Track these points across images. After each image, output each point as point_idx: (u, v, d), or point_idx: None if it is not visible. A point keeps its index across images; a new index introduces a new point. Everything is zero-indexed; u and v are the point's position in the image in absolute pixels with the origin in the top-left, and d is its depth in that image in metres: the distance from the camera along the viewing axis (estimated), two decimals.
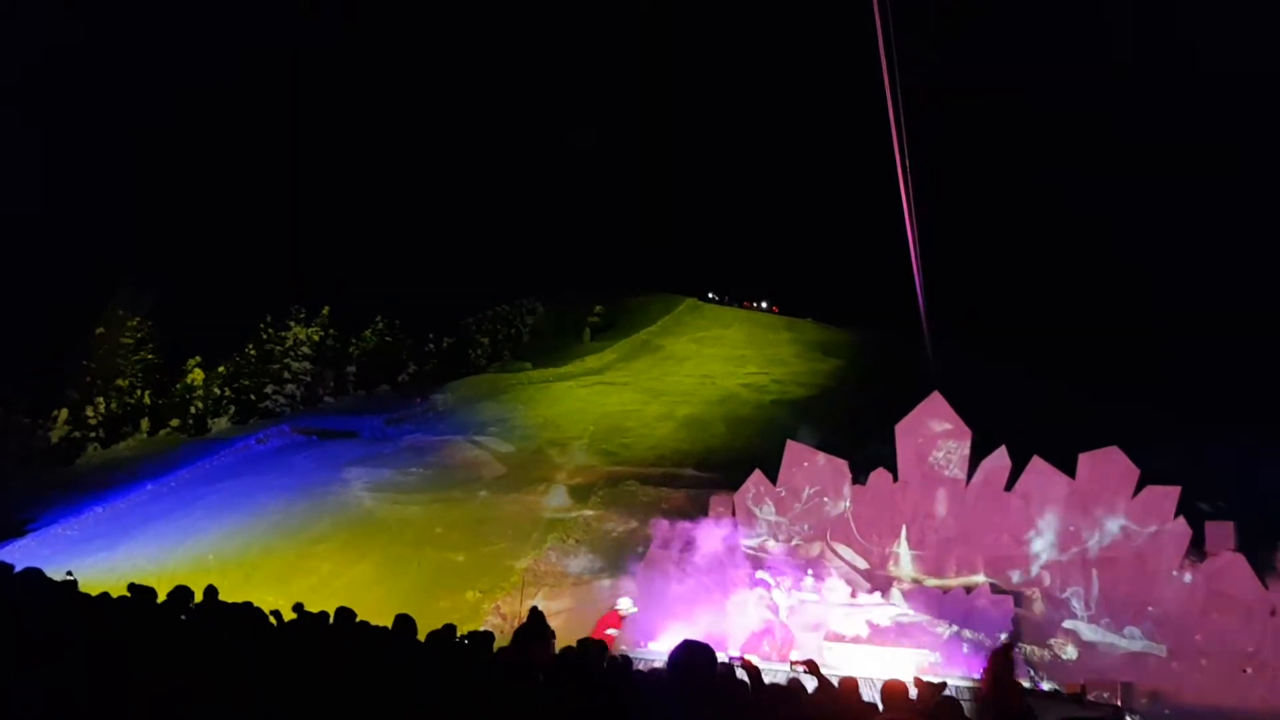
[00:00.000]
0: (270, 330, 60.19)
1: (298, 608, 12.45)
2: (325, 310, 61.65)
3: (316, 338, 60.48)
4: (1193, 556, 23.32)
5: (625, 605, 23.32)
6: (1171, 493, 23.88)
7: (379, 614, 11.90)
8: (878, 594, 24.81)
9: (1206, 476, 27.11)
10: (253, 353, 59.28)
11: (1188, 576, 23.05)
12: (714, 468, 35.94)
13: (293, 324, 60.45)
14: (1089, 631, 23.65)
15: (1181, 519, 23.54)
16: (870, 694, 11.60)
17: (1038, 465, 25.50)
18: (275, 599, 18.39)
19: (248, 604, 8.98)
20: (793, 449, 28.81)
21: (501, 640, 15.47)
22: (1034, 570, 24.85)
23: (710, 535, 26.88)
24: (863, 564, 26.54)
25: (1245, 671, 21.75)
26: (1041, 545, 24.89)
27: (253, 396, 57.53)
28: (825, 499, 27.78)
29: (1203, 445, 31.24)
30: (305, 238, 68.33)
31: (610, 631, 21.24)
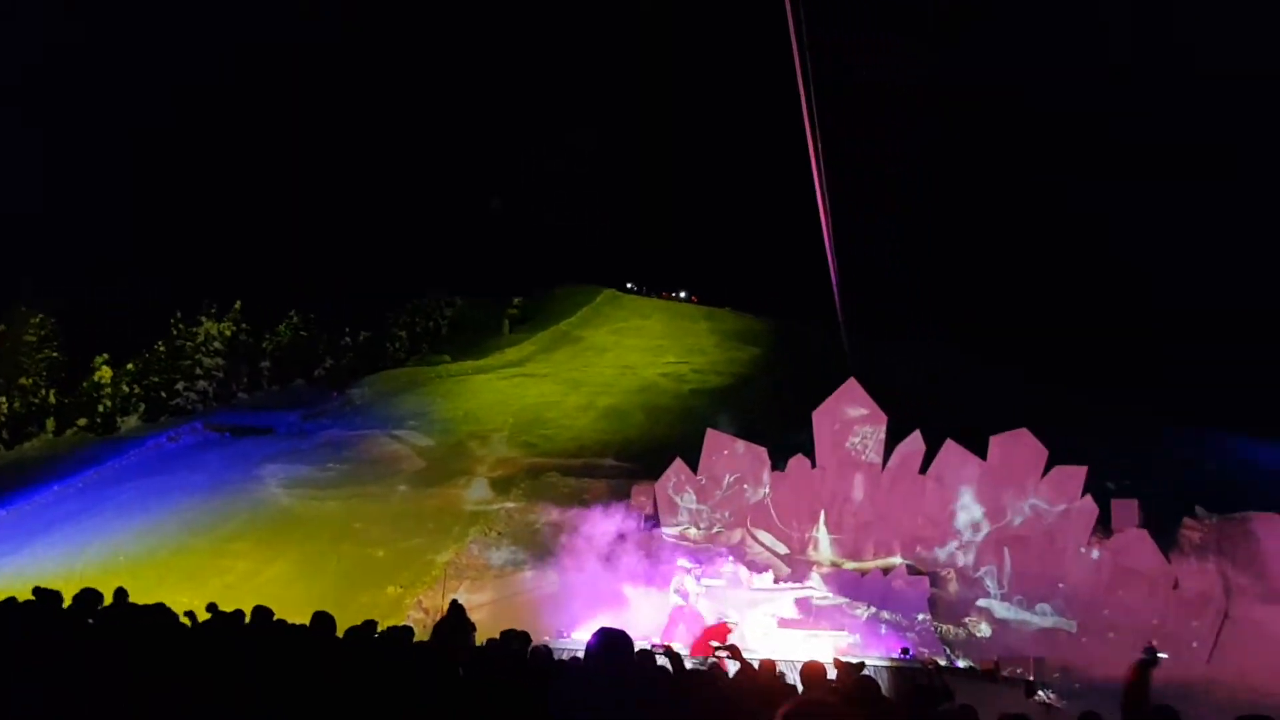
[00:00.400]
0: (180, 326, 58.76)
1: (212, 607, 12.21)
2: (237, 305, 60.36)
3: (228, 333, 59.17)
4: (1099, 534, 24.07)
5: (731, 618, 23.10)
6: (1078, 472, 24.62)
7: (298, 612, 11.72)
8: (798, 575, 25.14)
9: (1111, 456, 27.92)
10: (162, 349, 57.82)
11: (1095, 553, 23.80)
12: (635, 457, 36.04)
13: (204, 319, 59.07)
14: (1002, 609, 24.30)
15: (1089, 497, 24.28)
16: (791, 675, 11.78)
17: (950, 448, 26.09)
18: (190, 599, 17.98)
19: (160, 605, 8.80)
20: (712, 437, 29.06)
21: (423, 636, 15.36)
22: (948, 551, 25.44)
23: (629, 526, 27.01)
24: (783, 549, 26.89)
25: (1151, 644, 22.49)
26: (956, 526, 25.48)
27: (163, 394, 56.09)
28: (745, 486, 28.07)
29: (1107, 426, 32.19)
30: (215, 231, 66.82)
31: (714, 644, 21.03)
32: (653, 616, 23.75)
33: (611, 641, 4.63)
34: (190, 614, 10.86)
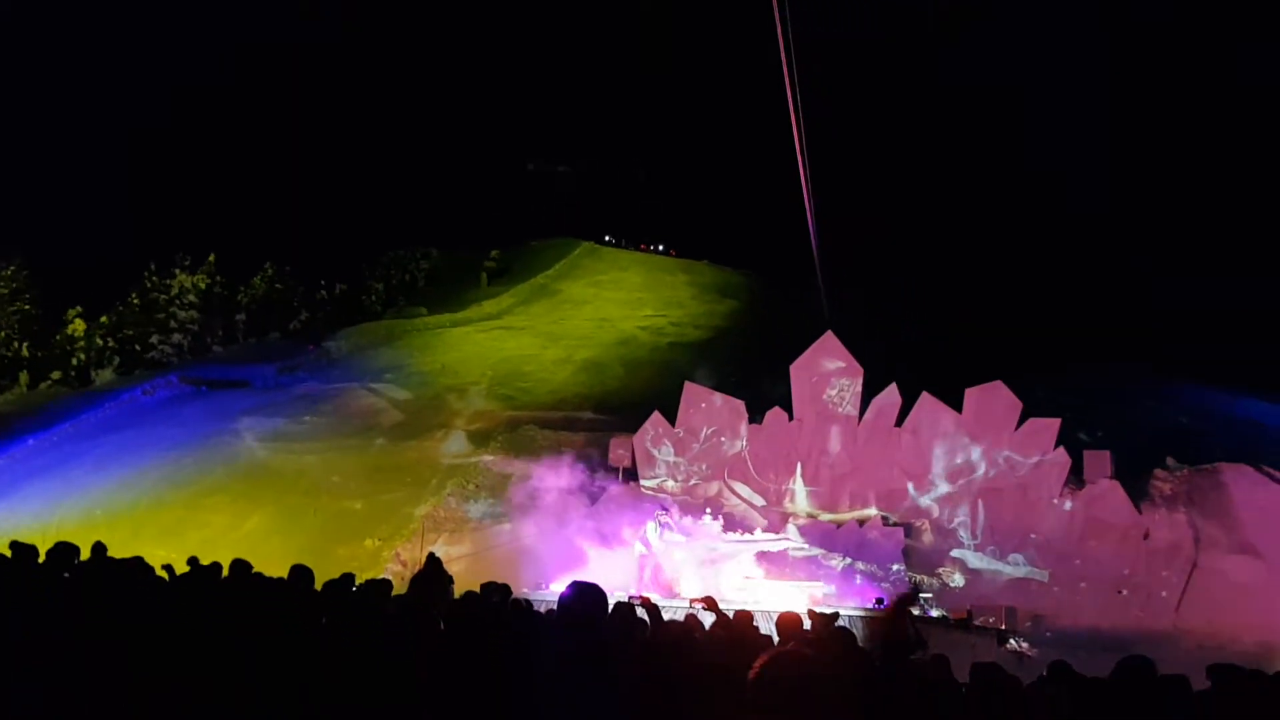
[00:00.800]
0: (154, 278, 58.15)
1: (192, 561, 12.19)
2: (211, 257, 59.76)
3: (203, 285, 58.65)
4: (1072, 485, 24.33)
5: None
6: (1052, 424, 24.83)
7: (276, 565, 11.73)
8: (775, 526, 25.31)
9: (1085, 408, 28.16)
10: (136, 302, 57.26)
11: (1067, 504, 24.07)
12: (613, 410, 36.09)
13: (178, 272, 58.48)
14: (975, 559, 24.59)
15: (1062, 449, 24.52)
16: (766, 626, 11.90)
17: (926, 401, 26.26)
18: (167, 553, 17.96)
19: (137, 559, 8.78)
20: (690, 390, 29.14)
21: (401, 588, 15.41)
22: (923, 502, 25.68)
23: (610, 479, 27.12)
24: (759, 501, 27.08)
25: (1121, 593, 22.87)
26: (930, 478, 25.71)
27: (137, 347, 55.66)
28: (722, 439, 28.20)
29: (1080, 378, 32.41)
30: (190, 183, 65.97)
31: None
32: (630, 568, 23.91)
33: (583, 594, 4.65)
34: (168, 567, 10.83)
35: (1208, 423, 30.14)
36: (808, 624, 9.13)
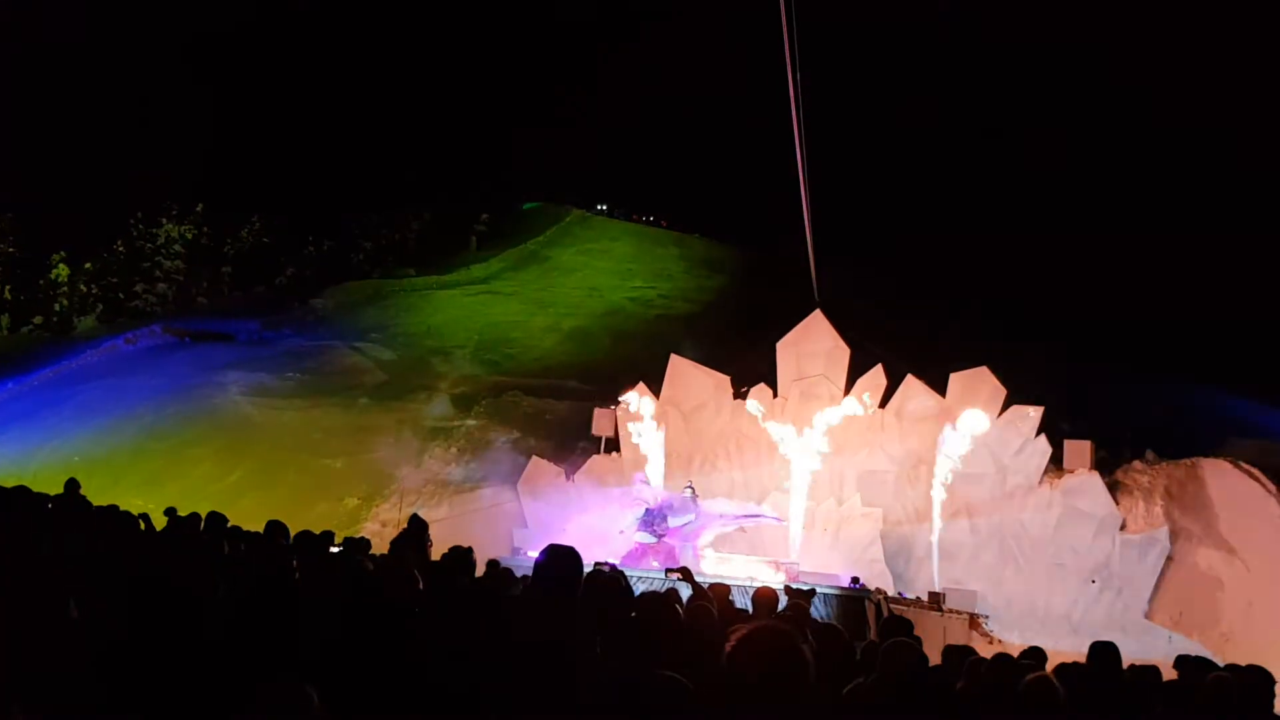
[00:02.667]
0: (140, 227, 57.66)
1: (170, 512, 12.18)
2: (199, 207, 59.25)
3: (190, 236, 58.19)
4: (1051, 473, 24.48)
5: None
6: (1034, 412, 24.94)
7: (254, 519, 11.72)
8: (753, 504, 25.35)
9: (1068, 398, 28.29)
10: (121, 250, 56.80)
11: (1046, 491, 24.21)
12: (598, 380, 36.05)
13: (164, 221, 57.98)
14: (950, 542, 24.74)
15: (1043, 437, 24.63)
16: (742, 601, 11.95)
17: (911, 384, 26.32)
18: (145, 503, 17.96)
19: (113, 506, 8.75)
20: (676, 363, 29.12)
21: (381, 548, 15.41)
22: (903, 484, 25.81)
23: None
24: (740, 476, 27.15)
25: (1093, 582, 23.08)
26: (912, 460, 25.81)
27: (121, 295, 55.28)
28: (707, 413, 28.24)
29: (1065, 367, 32.56)
30: (179, 130, 65.29)
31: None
32: (612, 535, 23.92)
33: (559, 557, 4.65)
34: (144, 516, 10.81)
35: (1187, 417, 30.36)
36: (784, 599, 9.18)
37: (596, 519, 24.74)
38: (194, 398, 36.17)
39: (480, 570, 8.99)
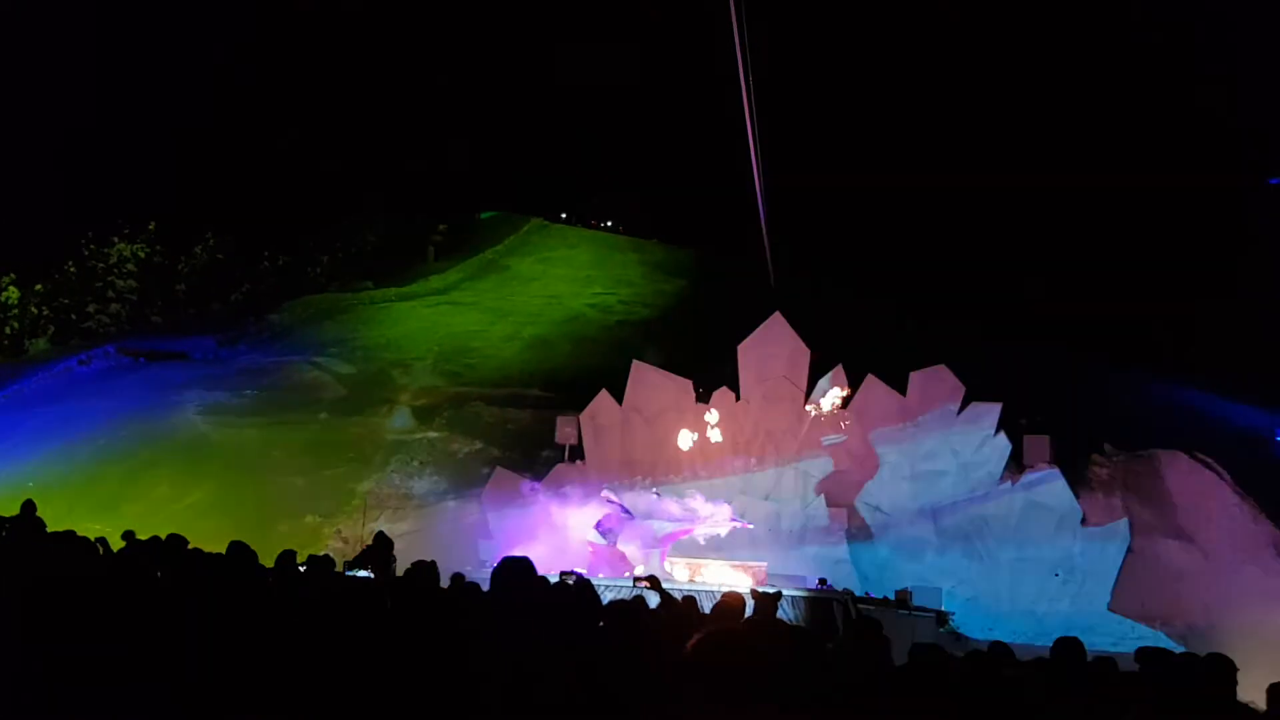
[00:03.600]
0: (92, 246, 56.86)
1: (128, 535, 11.99)
2: (151, 225, 58.51)
3: (143, 254, 57.45)
4: (1012, 468, 24.71)
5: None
6: (993, 409, 25.18)
7: (216, 540, 11.55)
8: (720, 507, 25.35)
9: (1026, 393, 28.56)
10: (73, 269, 55.98)
11: (1008, 487, 24.45)
12: (560, 388, 35.97)
13: (116, 240, 57.21)
14: (915, 541, 24.91)
15: (1003, 434, 24.87)
16: (710, 606, 11.94)
17: (871, 383, 26.49)
18: (102, 527, 17.66)
19: (69, 532, 8.60)
20: (638, 369, 29.12)
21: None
22: (866, 484, 25.95)
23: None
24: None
25: (1057, 575, 23.33)
26: (875, 460, 25.96)
27: (74, 316, 54.49)
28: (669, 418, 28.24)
29: (1023, 363, 32.87)
30: (131, 145, 64.44)
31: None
32: (578, 547, 23.88)
33: (511, 569, 4.62)
34: (102, 540, 10.64)
35: (1144, 410, 30.77)
36: (750, 603, 9.18)
37: (562, 528, 24.67)
38: (150, 418, 35.68)
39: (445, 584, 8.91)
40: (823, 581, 21.19)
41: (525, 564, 4.69)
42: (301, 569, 9.93)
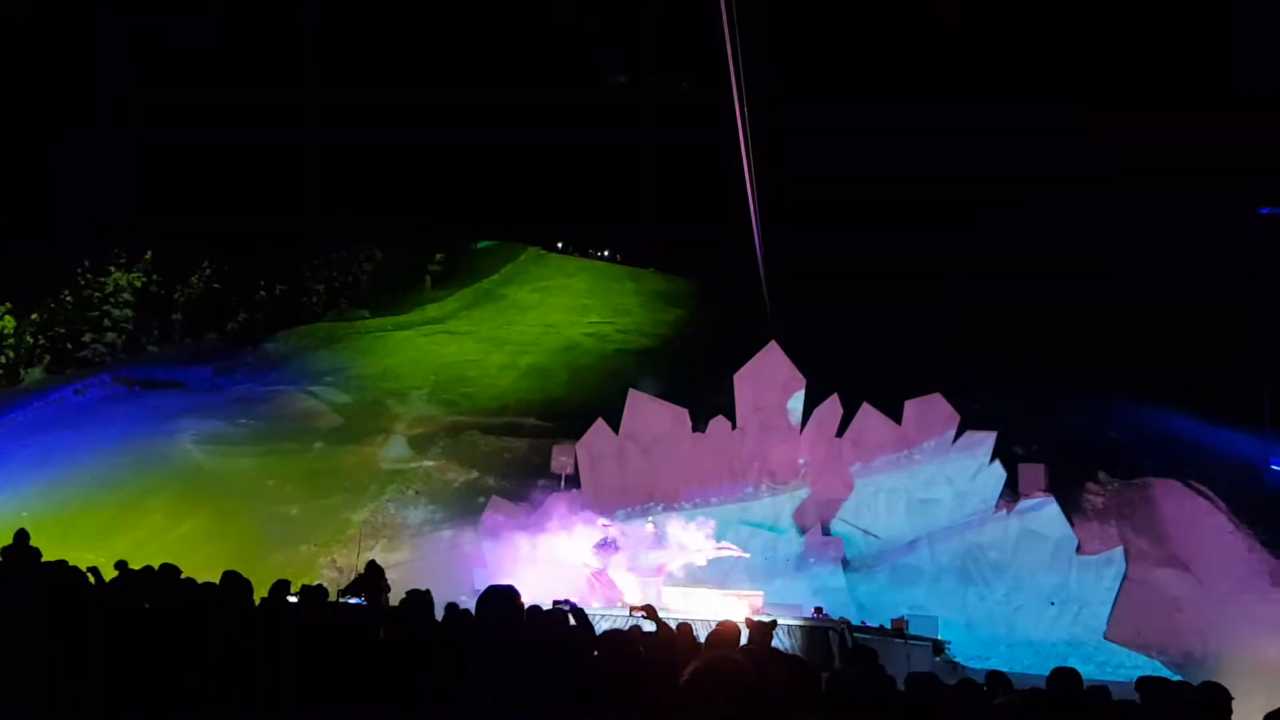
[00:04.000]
0: (88, 275, 56.89)
1: (121, 565, 11.98)
2: (148, 255, 58.58)
3: (139, 283, 57.47)
4: (1007, 497, 24.70)
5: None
6: (988, 437, 25.19)
7: (209, 570, 11.51)
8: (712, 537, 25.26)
9: (1021, 421, 28.58)
10: (69, 299, 55.99)
11: (1004, 516, 24.42)
12: (557, 417, 35.95)
13: (112, 269, 57.26)
14: (912, 569, 24.85)
15: (998, 462, 24.88)
16: (706, 635, 11.89)
17: (867, 412, 26.51)
18: (96, 557, 17.60)
19: (62, 562, 8.56)
20: (635, 398, 29.13)
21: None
22: (863, 512, 25.92)
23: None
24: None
25: (1053, 604, 23.26)
26: (870, 488, 25.94)
27: (69, 345, 54.42)
28: (666, 447, 28.22)
29: (1018, 392, 32.90)
30: (126, 176, 64.64)
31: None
32: (573, 575, 23.76)
33: (497, 598, 4.62)
34: (94, 569, 10.60)
35: (1138, 438, 30.76)
36: (745, 632, 9.15)
37: (558, 557, 24.57)
38: (145, 448, 35.60)
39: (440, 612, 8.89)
40: (819, 610, 21.11)
41: (509, 593, 4.69)
42: (293, 599, 9.90)
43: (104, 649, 5.02)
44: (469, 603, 16.02)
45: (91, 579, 9.58)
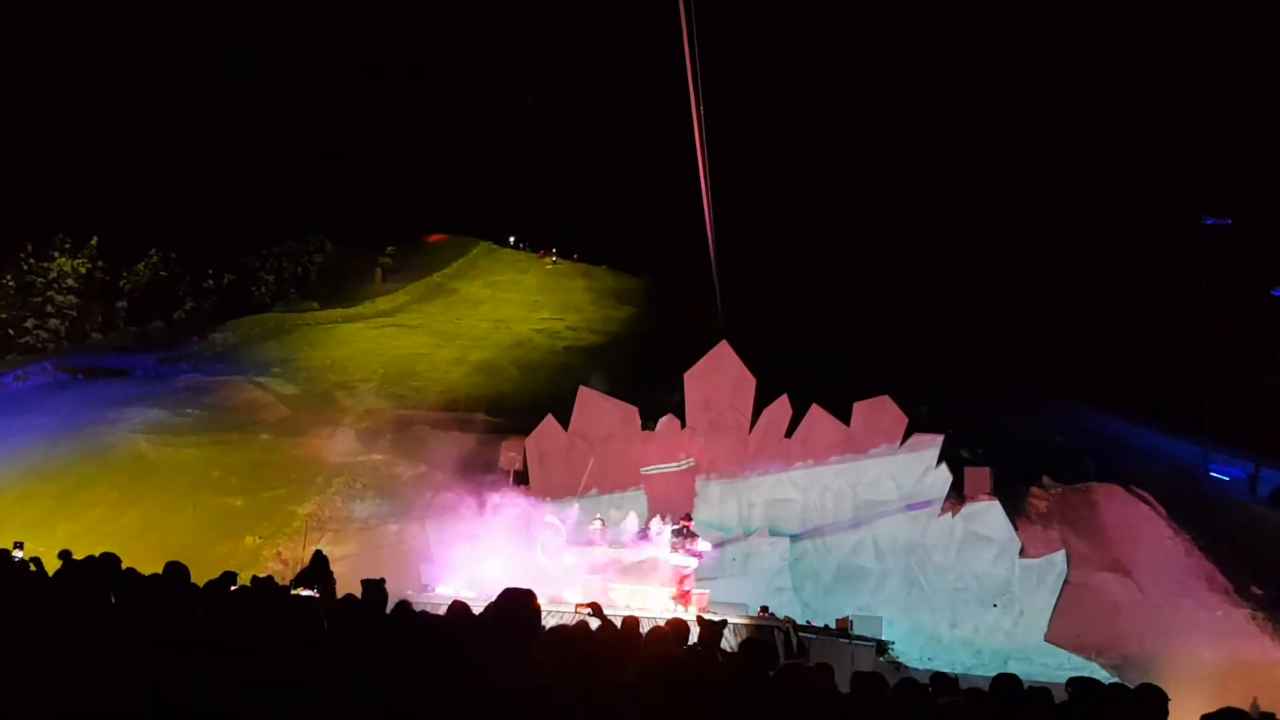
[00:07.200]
0: (31, 261, 55.74)
1: (65, 555, 11.76)
2: (94, 240, 57.53)
3: (84, 270, 56.43)
4: (953, 500, 25.00)
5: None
6: (935, 440, 25.48)
7: (152, 561, 11.35)
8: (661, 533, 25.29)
9: (967, 425, 28.97)
10: (11, 284, 54.83)
11: (948, 518, 24.71)
12: (506, 412, 35.85)
13: (57, 254, 56.17)
14: (857, 570, 25.07)
15: (944, 465, 25.17)
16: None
17: (816, 413, 26.70)
18: (37, 547, 17.30)
19: (2, 551, 8.42)
20: (585, 395, 29.12)
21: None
22: (809, 512, 26.11)
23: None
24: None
25: (995, 606, 23.60)
26: (817, 489, 26.13)
27: (11, 331, 53.32)
28: (615, 444, 28.24)
29: (963, 395, 33.34)
30: (68, 158, 63.31)
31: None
32: (520, 571, 23.67)
33: (515, 601, 4.63)
34: (36, 560, 10.43)
35: (1081, 443, 31.32)
36: (695, 631, 9.21)
37: (505, 552, 24.48)
38: (87, 436, 35.00)
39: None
40: (764, 609, 21.25)
41: (528, 595, 4.72)
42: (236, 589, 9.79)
43: (46, 637, 4.95)
44: (416, 597, 15.92)
45: (33, 568, 9.43)
